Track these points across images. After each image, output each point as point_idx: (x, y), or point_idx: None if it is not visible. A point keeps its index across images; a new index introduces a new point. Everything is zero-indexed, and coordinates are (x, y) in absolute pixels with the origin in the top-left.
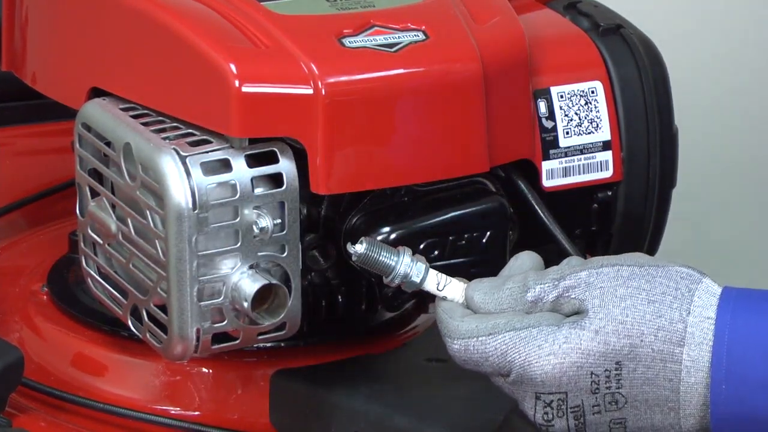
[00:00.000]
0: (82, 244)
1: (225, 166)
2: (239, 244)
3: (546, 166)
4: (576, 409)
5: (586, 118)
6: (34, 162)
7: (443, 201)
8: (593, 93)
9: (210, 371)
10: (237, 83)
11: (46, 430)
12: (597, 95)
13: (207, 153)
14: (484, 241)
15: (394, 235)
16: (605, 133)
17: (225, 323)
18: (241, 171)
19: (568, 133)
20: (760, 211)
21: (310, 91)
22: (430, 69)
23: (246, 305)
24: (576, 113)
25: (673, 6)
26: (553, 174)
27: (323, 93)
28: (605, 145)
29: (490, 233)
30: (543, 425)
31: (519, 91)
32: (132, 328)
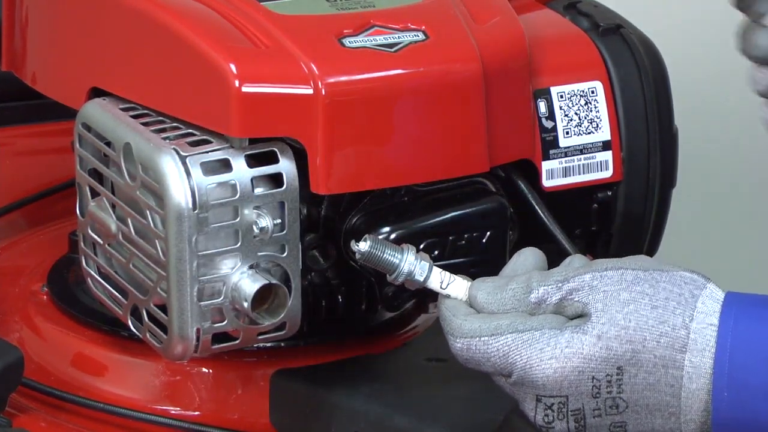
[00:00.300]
0: (82, 244)
1: (225, 166)
2: (239, 244)
3: (546, 166)
4: (576, 413)
5: (586, 118)
6: (34, 162)
7: (443, 201)
8: (593, 93)
9: (210, 371)
10: (237, 83)
11: (46, 430)
12: (597, 95)
13: (207, 153)
14: (484, 241)
15: (394, 235)
16: (605, 133)
17: (225, 323)
18: (241, 171)
19: (568, 133)
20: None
21: (310, 91)
22: (430, 69)
23: (246, 305)
24: (576, 113)
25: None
26: (553, 174)
27: (323, 93)
28: (605, 145)
29: (490, 233)
30: (543, 427)
31: (519, 91)
32: (132, 328)
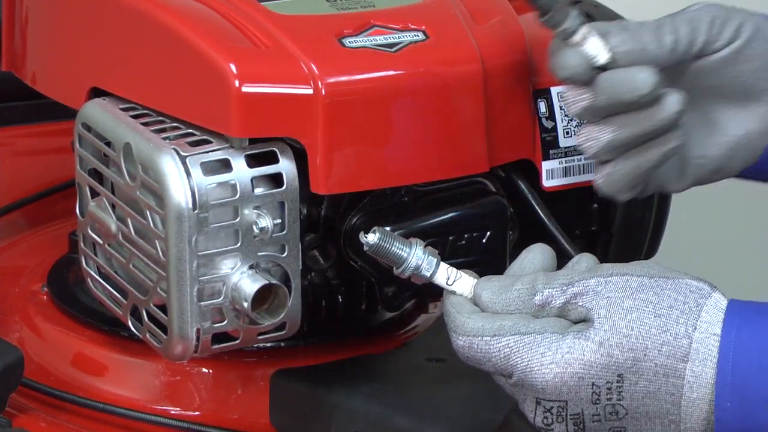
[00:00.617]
0: (82, 244)
1: (225, 166)
2: (239, 244)
3: (546, 166)
4: (576, 417)
5: None
6: (34, 162)
7: (443, 201)
8: None
9: (210, 371)
10: (237, 83)
11: (46, 430)
12: None
13: (207, 153)
14: (484, 241)
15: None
16: None
17: (225, 323)
18: (241, 171)
19: (568, 133)
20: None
21: (310, 91)
22: (430, 69)
23: (246, 305)
24: None
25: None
26: (553, 174)
27: (323, 93)
28: None
29: (490, 233)
30: (542, 428)
31: (519, 91)
32: (132, 328)
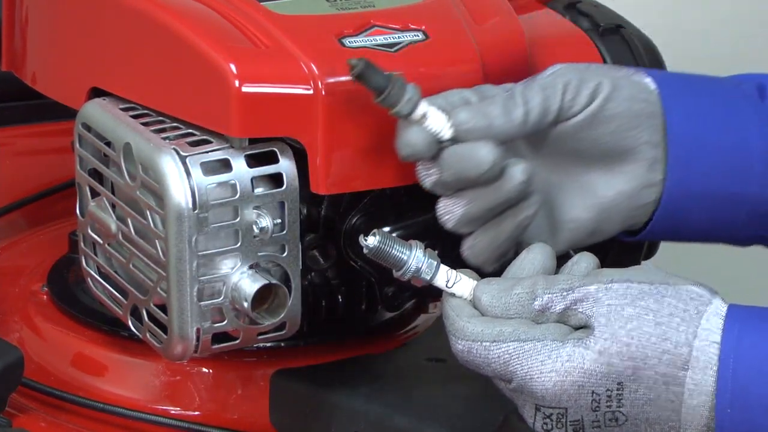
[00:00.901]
0: (82, 244)
1: (225, 166)
2: (239, 244)
3: None
4: (575, 423)
5: None
6: (34, 162)
7: None
8: None
9: (210, 371)
10: (237, 83)
11: (46, 430)
12: None
13: (207, 153)
14: None
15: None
16: None
17: (225, 323)
18: (241, 171)
19: None
20: None
21: (310, 91)
22: (430, 69)
23: (246, 305)
24: None
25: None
26: None
27: (323, 93)
28: None
29: None
30: None
31: None
32: (132, 328)
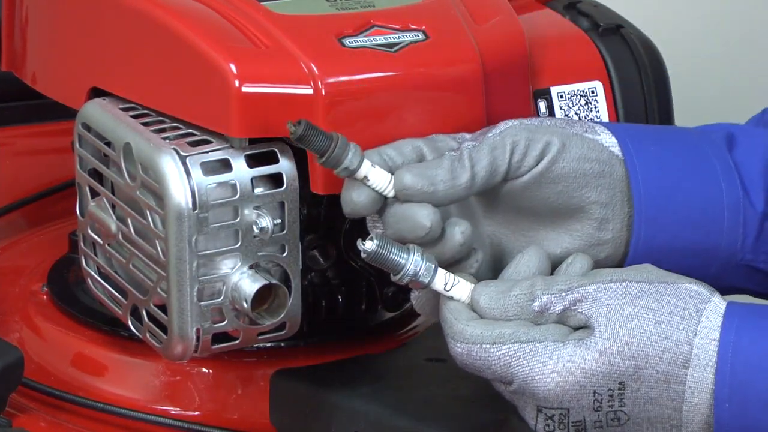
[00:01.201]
0: (82, 244)
1: (225, 166)
2: (239, 244)
3: None
4: (578, 424)
5: (586, 118)
6: (34, 162)
7: None
8: (593, 93)
9: (210, 371)
10: (237, 83)
11: (46, 430)
12: (597, 95)
13: (207, 153)
14: None
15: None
16: None
17: (225, 323)
18: (241, 171)
19: None
20: None
21: (310, 91)
22: (430, 69)
23: (246, 305)
24: (576, 113)
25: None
26: None
27: (323, 93)
28: None
29: None
30: None
31: (519, 91)
32: (132, 328)
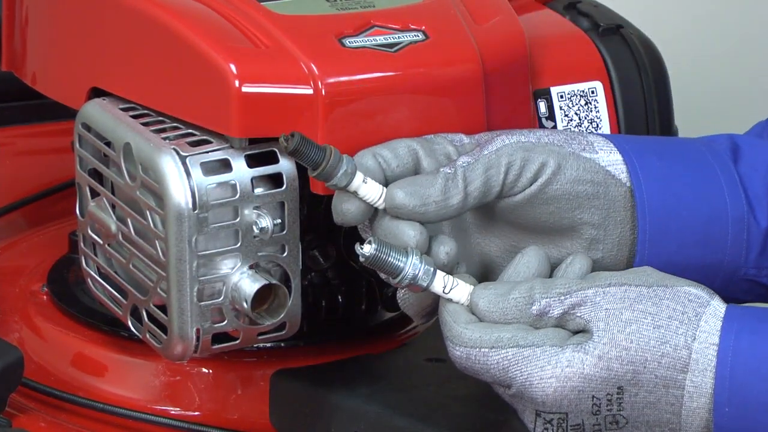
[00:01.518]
0: (82, 244)
1: (225, 166)
2: (239, 244)
3: None
4: (576, 427)
5: (586, 118)
6: (34, 162)
7: None
8: (593, 93)
9: (210, 371)
10: (237, 83)
11: (46, 430)
12: (597, 95)
13: (207, 153)
14: None
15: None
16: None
17: (225, 323)
18: (241, 171)
19: None
20: None
21: (310, 91)
22: (430, 69)
23: (246, 305)
24: (576, 113)
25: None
26: None
27: (323, 93)
28: None
29: None
30: None
31: (519, 92)
32: (132, 328)
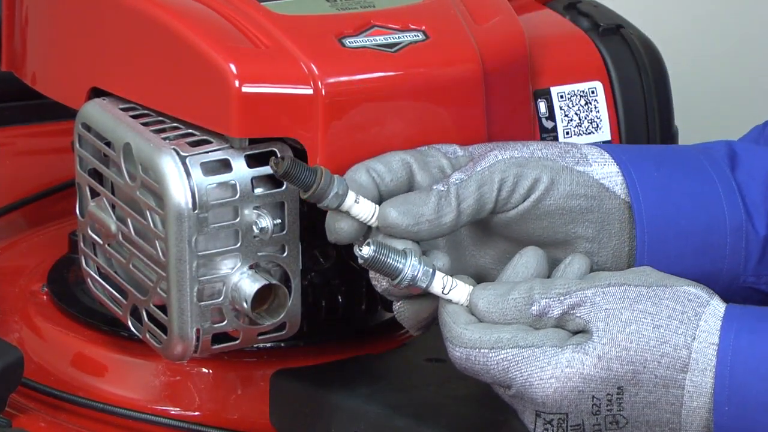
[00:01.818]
0: (82, 244)
1: (225, 166)
2: (239, 244)
3: None
4: (576, 427)
5: (586, 118)
6: (34, 162)
7: None
8: (593, 93)
9: (210, 371)
10: (237, 83)
11: (46, 430)
12: (597, 95)
13: (207, 153)
14: None
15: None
16: (605, 134)
17: (225, 323)
18: (241, 171)
19: (568, 134)
20: None
21: (310, 91)
22: (430, 69)
23: (246, 305)
24: (576, 113)
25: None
26: None
27: (323, 93)
28: None
29: None
30: None
31: (519, 92)
32: (132, 328)
